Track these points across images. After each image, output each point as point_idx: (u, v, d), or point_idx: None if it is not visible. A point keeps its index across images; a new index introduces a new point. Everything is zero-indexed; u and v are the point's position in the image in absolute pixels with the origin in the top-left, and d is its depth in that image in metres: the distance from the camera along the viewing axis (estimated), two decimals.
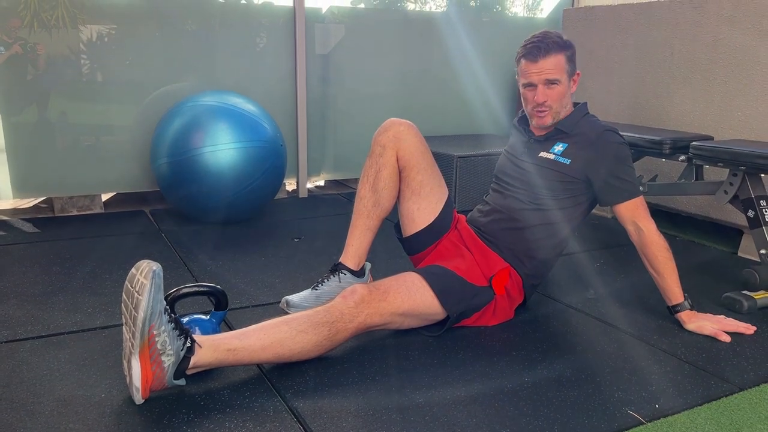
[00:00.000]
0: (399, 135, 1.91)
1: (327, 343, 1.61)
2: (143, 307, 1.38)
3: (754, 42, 2.66)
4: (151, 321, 1.39)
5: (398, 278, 1.78)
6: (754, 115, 2.68)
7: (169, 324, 1.43)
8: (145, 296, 1.38)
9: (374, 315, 1.66)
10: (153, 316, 1.40)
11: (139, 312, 1.38)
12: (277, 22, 3.44)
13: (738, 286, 2.18)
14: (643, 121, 3.14)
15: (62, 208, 3.11)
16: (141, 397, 1.43)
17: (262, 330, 1.56)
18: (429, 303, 1.77)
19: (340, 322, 1.61)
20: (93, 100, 3.14)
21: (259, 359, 1.56)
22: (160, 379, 1.43)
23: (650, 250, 1.88)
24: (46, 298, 2.03)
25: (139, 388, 1.41)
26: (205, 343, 1.49)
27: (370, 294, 1.67)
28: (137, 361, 1.40)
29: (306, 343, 1.58)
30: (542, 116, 1.94)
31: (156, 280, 1.40)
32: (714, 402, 1.53)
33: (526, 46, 1.89)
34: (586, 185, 1.94)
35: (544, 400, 1.51)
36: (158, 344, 1.41)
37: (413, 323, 1.81)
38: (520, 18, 4.36)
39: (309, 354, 1.61)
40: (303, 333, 1.58)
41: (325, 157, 3.76)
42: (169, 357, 1.42)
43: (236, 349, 1.51)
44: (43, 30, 2.94)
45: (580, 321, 1.99)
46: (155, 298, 1.40)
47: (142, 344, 1.39)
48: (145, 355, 1.40)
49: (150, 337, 1.40)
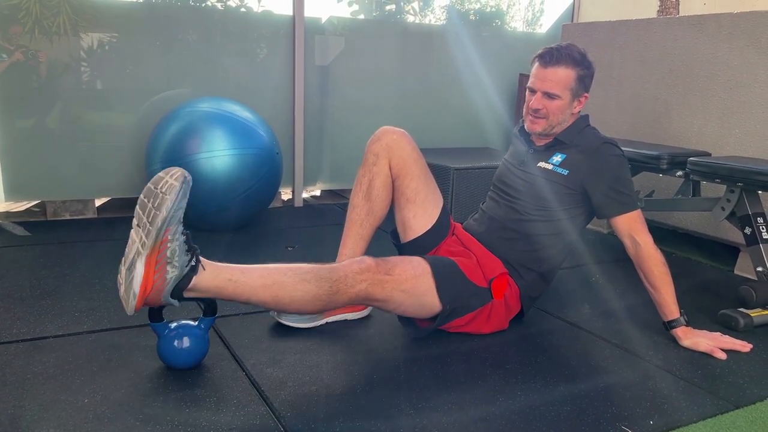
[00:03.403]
0: (392, 143, 1.90)
1: (326, 298, 1.58)
2: (167, 206, 1.34)
3: (753, 60, 2.66)
4: (170, 224, 1.36)
5: (405, 258, 1.78)
6: (751, 132, 2.68)
7: (182, 236, 1.39)
8: (172, 196, 1.34)
9: (376, 285, 1.64)
10: (173, 220, 1.36)
11: (162, 210, 1.34)
12: (277, 32, 3.44)
13: (734, 303, 2.16)
14: (641, 136, 3.14)
15: (55, 212, 3.08)
16: (134, 307, 1.37)
17: (266, 269, 1.55)
18: (428, 288, 1.74)
19: (342, 283, 1.59)
20: (91, 106, 3.13)
21: (257, 298, 1.53)
22: (158, 290, 1.38)
23: (647, 265, 1.86)
24: (34, 301, 2.00)
25: (136, 294, 1.36)
26: (208, 267, 1.46)
27: (377, 265, 1.66)
28: (142, 264, 1.36)
29: (306, 293, 1.55)
30: (533, 122, 1.94)
31: (185, 187, 1.37)
32: (709, 419, 1.50)
33: (543, 50, 1.89)
34: (584, 197, 1.92)
35: (537, 415, 1.48)
36: (168, 251, 1.37)
37: (410, 307, 1.76)
38: (520, 32, 4.38)
39: (306, 306, 1.58)
40: (306, 282, 1.56)
41: (321, 166, 3.75)
42: (174, 269, 1.39)
43: (237, 281, 1.49)
44: (44, 37, 2.93)
45: (574, 336, 1.96)
46: (179, 204, 1.36)
47: (154, 246, 1.35)
48: (152, 259, 1.36)
49: (163, 241, 1.36)
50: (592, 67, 1.92)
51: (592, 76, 1.93)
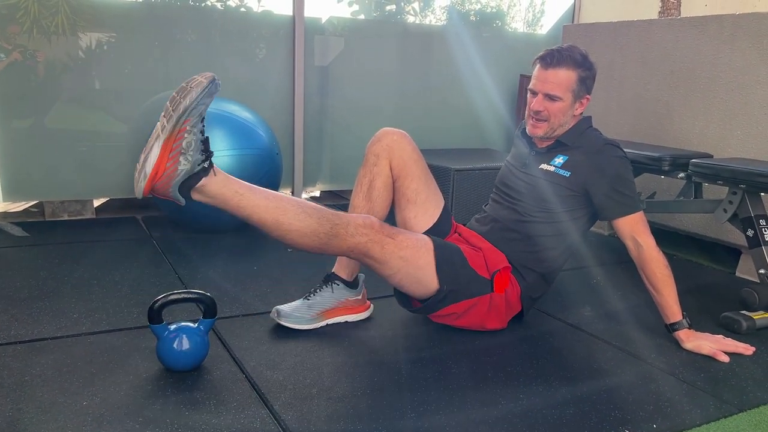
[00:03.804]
0: (392, 144, 1.90)
1: (324, 238, 1.61)
2: (192, 96, 1.44)
3: (755, 61, 2.65)
4: (190, 115, 1.45)
5: (412, 232, 1.83)
6: (753, 134, 2.67)
7: (200, 134, 1.49)
8: (198, 90, 1.44)
9: (376, 243, 1.66)
10: (194, 111, 1.45)
11: (185, 99, 1.44)
12: (277, 32, 3.43)
13: (736, 306, 2.15)
14: (642, 137, 3.13)
15: (53, 213, 3.07)
16: (143, 189, 1.46)
17: (273, 193, 1.62)
18: (427, 263, 1.75)
19: (343, 228, 1.62)
20: (89, 106, 3.11)
21: (259, 216, 1.57)
22: (169, 177, 1.46)
23: (649, 267, 1.85)
24: (32, 302, 1.98)
25: (147, 174, 1.45)
26: (220, 174, 1.54)
27: (381, 225, 1.69)
28: (159, 147, 1.45)
29: (306, 225, 1.59)
30: (535, 125, 1.93)
31: (212, 87, 1.47)
32: (713, 423, 1.49)
33: (545, 51, 1.89)
34: (586, 198, 1.91)
35: (539, 418, 1.47)
36: (184, 142, 1.46)
37: (406, 279, 1.76)
38: (520, 33, 4.37)
39: (303, 239, 1.61)
40: (308, 215, 1.60)
41: (321, 167, 3.74)
42: (187, 162, 1.47)
43: (243, 195, 1.56)
44: (42, 36, 2.92)
45: (576, 338, 1.95)
46: (203, 100, 1.46)
47: (172, 132, 1.45)
48: (168, 145, 1.45)
49: (181, 130, 1.45)
50: (593, 69, 1.91)
51: (593, 77, 1.92)
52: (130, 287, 2.15)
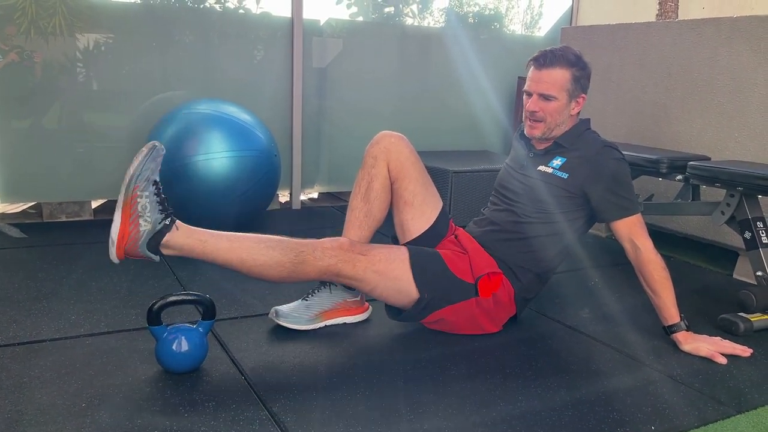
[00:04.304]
0: (390, 146, 1.91)
1: (290, 266, 1.67)
2: (134, 165, 1.57)
3: (752, 64, 2.66)
4: (137, 182, 1.57)
5: (387, 245, 1.85)
6: (751, 137, 2.68)
7: (154, 195, 1.60)
8: (139, 159, 1.58)
9: (347, 263, 1.71)
10: (140, 177, 1.57)
11: (130, 169, 1.57)
12: (276, 34, 3.43)
13: (734, 307, 2.15)
14: (640, 140, 3.14)
15: (51, 214, 3.06)
16: (116, 254, 1.58)
17: (235, 235, 1.70)
18: (403, 272, 1.78)
19: (309, 254, 1.68)
20: (88, 107, 3.11)
21: (224, 258, 1.66)
22: (134, 240, 1.58)
23: (647, 269, 1.86)
24: (31, 304, 1.98)
25: (114, 240, 1.57)
26: (182, 228, 1.64)
27: (351, 245, 1.74)
28: (119, 215, 1.58)
29: (269, 258, 1.66)
30: (532, 126, 1.94)
31: (153, 153, 1.59)
32: (710, 425, 1.49)
33: (538, 53, 1.91)
34: (584, 200, 1.92)
35: (538, 420, 1.47)
36: (139, 206, 1.57)
37: (387, 291, 1.79)
38: (518, 36, 4.38)
39: (269, 271, 1.68)
40: (270, 249, 1.67)
41: (319, 169, 3.74)
42: (147, 223, 1.59)
43: (206, 241, 1.65)
44: (39, 37, 2.91)
45: (574, 340, 1.96)
46: (147, 165, 1.58)
47: (125, 200, 1.57)
48: (126, 212, 1.57)
49: (133, 196, 1.57)
50: (587, 68, 1.92)
51: (588, 77, 1.93)
52: (128, 289, 2.15)
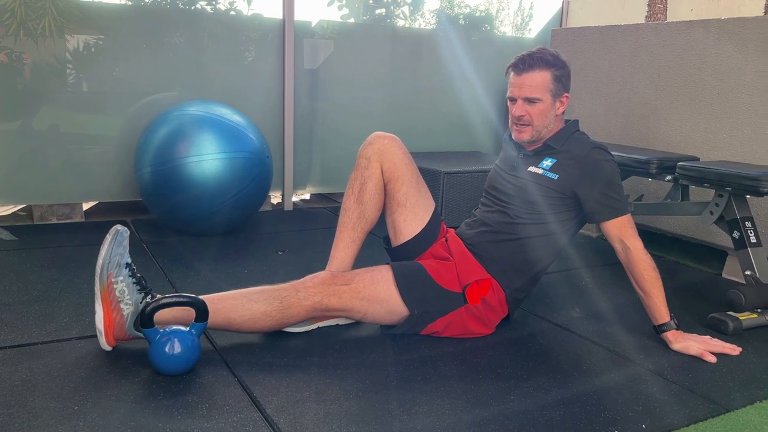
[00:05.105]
0: (384, 148, 1.91)
1: (277, 314, 1.70)
2: (102, 255, 1.60)
3: (740, 65, 2.69)
4: (109, 269, 1.60)
5: (369, 268, 1.86)
6: (739, 137, 2.70)
7: (129, 278, 1.63)
8: (106, 247, 1.61)
9: (332, 296, 1.73)
10: (111, 265, 1.60)
11: (99, 259, 1.60)
12: (267, 35, 3.43)
13: (722, 306, 2.17)
14: (629, 140, 3.16)
15: (41, 216, 3.05)
16: (105, 342, 1.61)
17: (218, 296, 1.71)
18: (389, 294, 1.81)
19: (294, 298, 1.71)
20: (78, 108, 3.10)
21: (211, 322, 1.64)
22: (120, 325, 1.60)
23: (637, 269, 1.87)
24: (22, 307, 1.97)
25: (101, 331, 1.60)
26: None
27: (332, 278, 1.76)
28: (99, 305, 1.60)
29: (255, 311, 1.69)
30: (520, 131, 1.96)
31: (117, 238, 1.63)
32: (701, 423, 1.51)
33: (515, 59, 1.93)
34: (574, 201, 1.93)
35: (530, 419, 1.48)
36: (117, 291, 1.60)
37: (378, 315, 1.83)
38: (509, 37, 4.39)
39: (258, 323, 1.70)
40: (254, 302, 1.70)
41: (311, 170, 3.74)
42: (128, 306, 1.61)
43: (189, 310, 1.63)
44: (29, 39, 2.90)
45: (565, 340, 1.97)
46: (114, 250, 1.61)
47: (102, 289, 1.59)
48: (105, 300, 1.59)
49: (108, 284, 1.59)
50: (566, 67, 1.94)
51: (568, 75, 1.95)
52: None
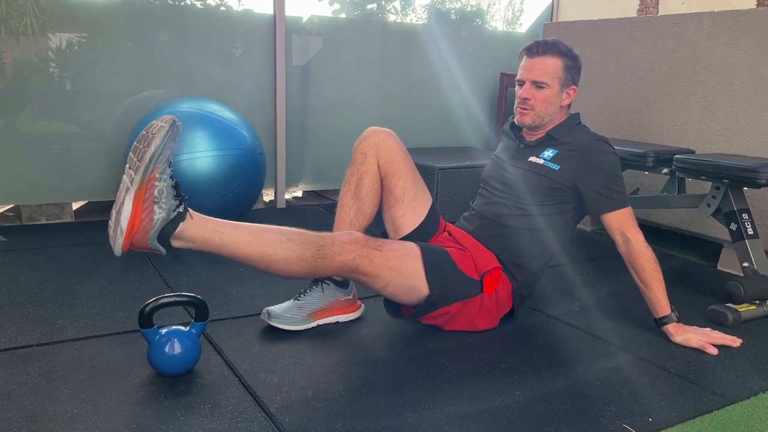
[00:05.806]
0: (379, 143, 1.89)
1: (312, 261, 1.59)
2: (156, 143, 1.39)
3: (733, 57, 2.69)
4: (158, 162, 1.41)
5: (397, 241, 1.82)
6: (733, 129, 2.71)
7: (170, 179, 1.44)
8: (161, 135, 1.40)
9: (364, 258, 1.64)
10: (161, 158, 1.41)
11: (150, 147, 1.39)
12: (258, 31, 3.39)
13: (720, 298, 2.18)
14: (623, 134, 3.16)
15: (30, 217, 3.00)
16: (121, 245, 1.42)
17: (254, 226, 1.59)
18: (416, 270, 1.75)
19: (329, 249, 1.60)
20: (66, 107, 3.04)
21: (243, 252, 1.54)
22: (145, 230, 1.42)
23: (638, 262, 1.87)
24: (14, 309, 1.93)
25: (123, 230, 1.41)
26: (196, 217, 1.50)
27: (366, 239, 1.68)
28: (131, 200, 1.41)
29: (292, 252, 1.57)
30: (522, 113, 1.95)
31: (174, 130, 1.43)
32: (706, 415, 1.51)
33: (530, 42, 1.93)
34: (574, 193, 1.92)
35: (536, 414, 1.47)
36: (156, 190, 1.42)
37: (398, 289, 1.76)
38: (500, 32, 4.39)
39: (291, 266, 1.58)
40: (292, 242, 1.58)
41: (303, 167, 3.71)
42: (161, 210, 1.43)
43: (223, 233, 1.51)
44: (10, 37, 2.84)
45: (567, 333, 1.96)
46: (168, 144, 1.42)
47: (142, 183, 1.40)
48: (140, 197, 1.41)
49: (151, 179, 1.41)
50: (578, 61, 1.94)
51: (579, 69, 1.95)
52: (114, 291, 2.11)
